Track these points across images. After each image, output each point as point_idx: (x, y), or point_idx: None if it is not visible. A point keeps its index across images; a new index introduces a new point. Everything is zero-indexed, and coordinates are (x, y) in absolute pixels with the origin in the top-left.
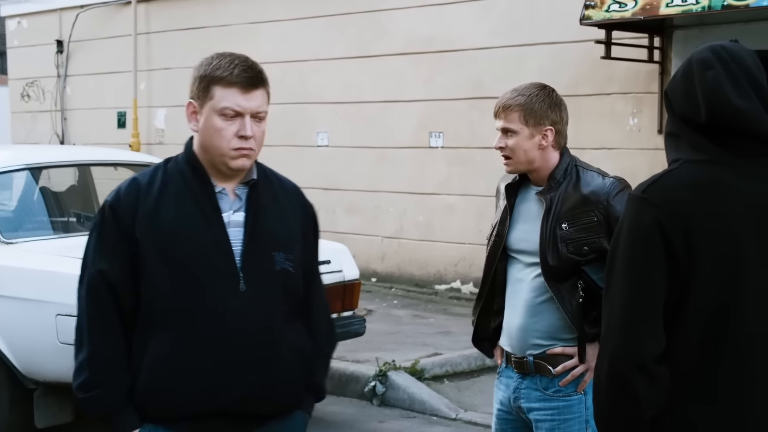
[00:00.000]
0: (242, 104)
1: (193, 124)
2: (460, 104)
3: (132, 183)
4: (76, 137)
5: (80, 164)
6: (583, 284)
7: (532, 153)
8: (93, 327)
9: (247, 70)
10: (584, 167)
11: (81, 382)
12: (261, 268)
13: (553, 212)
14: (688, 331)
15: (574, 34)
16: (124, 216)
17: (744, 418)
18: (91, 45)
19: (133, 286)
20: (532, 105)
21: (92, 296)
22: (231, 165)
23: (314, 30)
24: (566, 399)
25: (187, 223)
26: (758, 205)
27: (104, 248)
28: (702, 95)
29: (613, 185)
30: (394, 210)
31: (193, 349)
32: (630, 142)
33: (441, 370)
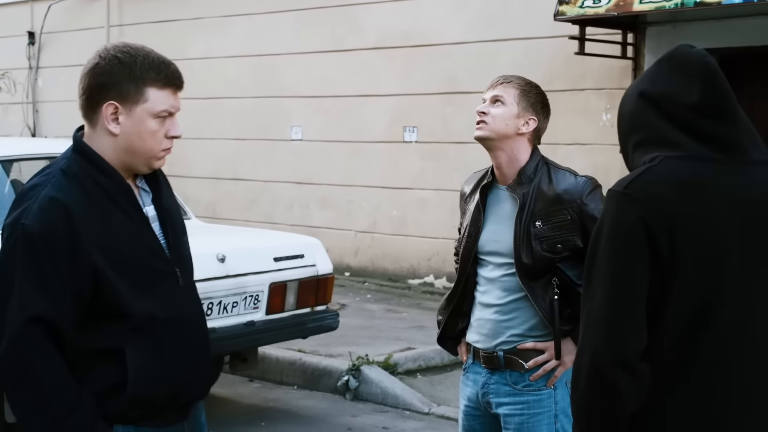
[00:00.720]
0: (176, 105)
1: (113, 126)
2: (434, 99)
3: (54, 203)
4: (48, 130)
5: (52, 157)
6: (558, 281)
7: (510, 131)
8: (38, 365)
9: (176, 71)
10: (555, 166)
11: (44, 422)
12: (183, 259)
13: (526, 210)
14: (668, 328)
15: (548, 29)
16: (59, 246)
17: (719, 416)
18: (63, 37)
19: (77, 309)
20: (529, 91)
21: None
22: (155, 165)
23: (287, 24)
24: (536, 393)
25: (121, 232)
26: (740, 201)
27: (39, 286)
28: (702, 76)
29: (586, 184)
30: (368, 204)
31: (164, 352)
32: (603, 137)
33: (414, 364)
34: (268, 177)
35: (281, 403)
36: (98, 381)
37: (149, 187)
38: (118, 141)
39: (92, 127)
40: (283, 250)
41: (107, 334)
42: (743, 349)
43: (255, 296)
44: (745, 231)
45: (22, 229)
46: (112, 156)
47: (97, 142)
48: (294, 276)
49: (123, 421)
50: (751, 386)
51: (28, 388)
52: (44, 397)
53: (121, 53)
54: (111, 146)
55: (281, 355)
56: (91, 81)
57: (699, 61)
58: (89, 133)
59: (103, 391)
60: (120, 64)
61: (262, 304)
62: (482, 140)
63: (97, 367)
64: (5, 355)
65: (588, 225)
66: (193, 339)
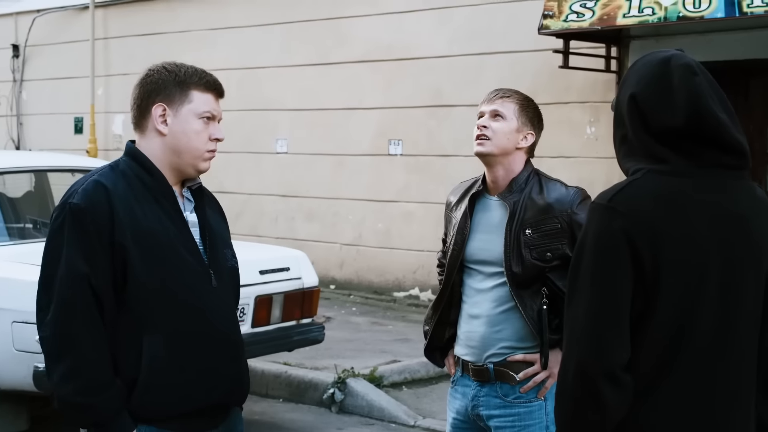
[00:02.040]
0: (217, 109)
1: (162, 126)
2: (419, 112)
3: (98, 186)
4: (33, 143)
5: (37, 170)
6: (547, 291)
7: (510, 146)
8: (83, 331)
9: (217, 80)
10: (546, 177)
11: (80, 388)
12: (220, 265)
13: (517, 218)
14: (651, 340)
15: (533, 43)
16: (100, 221)
17: (699, 425)
18: (47, 50)
19: (113, 291)
20: (528, 105)
21: (79, 300)
22: (201, 167)
23: (274, 37)
24: (527, 405)
25: (157, 224)
26: (720, 217)
27: (83, 253)
28: (686, 100)
29: (576, 194)
30: (353, 217)
31: (183, 346)
32: (587, 150)
33: (400, 377)
34: (254, 190)
35: (267, 416)
36: (121, 372)
37: (193, 198)
38: (166, 141)
39: (142, 133)
40: (268, 263)
41: (129, 323)
42: (724, 360)
43: (240, 309)
44: (724, 245)
45: (69, 208)
46: (160, 157)
47: (146, 145)
48: (279, 289)
49: (145, 420)
50: (732, 396)
51: (69, 353)
52: (82, 365)
53: (168, 65)
54: (160, 147)
55: (267, 368)
56: (142, 90)
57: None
58: (139, 140)
59: (126, 383)
60: (167, 72)
61: (247, 317)
62: (483, 156)
63: (120, 357)
64: (54, 320)
65: (577, 234)
66: (216, 341)
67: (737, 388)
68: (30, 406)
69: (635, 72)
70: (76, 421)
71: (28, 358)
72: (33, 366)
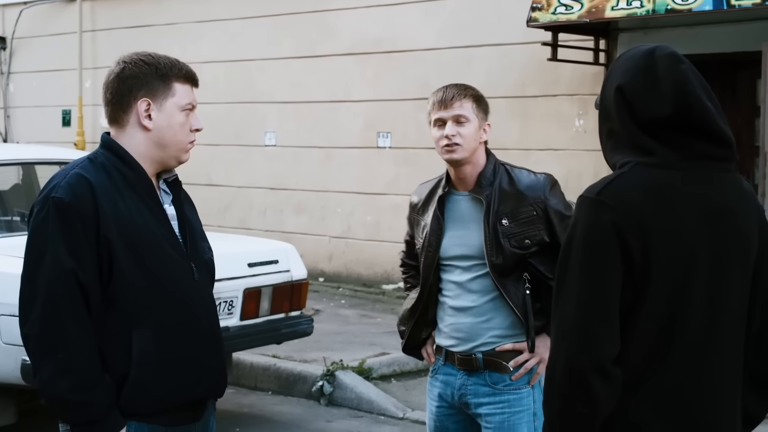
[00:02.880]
0: (195, 99)
1: (147, 121)
2: (408, 105)
3: (81, 179)
4: (20, 135)
5: (24, 163)
6: (530, 276)
7: (477, 144)
8: (71, 328)
9: (192, 69)
10: (511, 166)
11: (71, 386)
12: (199, 257)
13: (492, 210)
14: (640, 333)
15: (521, 35)
16: (85, 215)
17: (687, 418)
18: (35, 42)
19: (99, 286)
20: (479, 97)
21: (67, 296)
22: (183, 158)
23: (261, 29)
24: (516, 392)
25: (140, 218)
26: (708, 210)
27: (69, 248)
28: (673, 88)
29: (546, 180)
30: (342, 210)
31: (170, 341)
32: (576, 143)
33: (388, 369)
34: (242, 183)
35: (256, 409)
36: (110, 368)
37: (170, 191)
38: (150, 136)
39: (121, 128)
40: (257, 256)
41: (116, 318)
42: (712, 353)
43: (229, 302)
44: (713, 238)
45: (52, 201)
46: (143, 151)
47: (126, 139)
48: (268, 282)
49: (134, 416)
50: (719, 389)
51: (58, 351)
52: (72, 362)
53: (144, 56)
54: (143, 142)
55: (255, 360)
56: (120, 85)
57: (674, 74)
58: (117, 135)
59: (115, 379)
60: (146, 65)
61: (236, 309)
62: (456, 162)
63: (108, 354)
64: (40, 317)
65: (553, 219)
66: (201, 334)
67: (724, 380)
68: (18, 400)
69: (620, 66)
70: (65, 419)
71: (15, 351)
72: (21, 359)
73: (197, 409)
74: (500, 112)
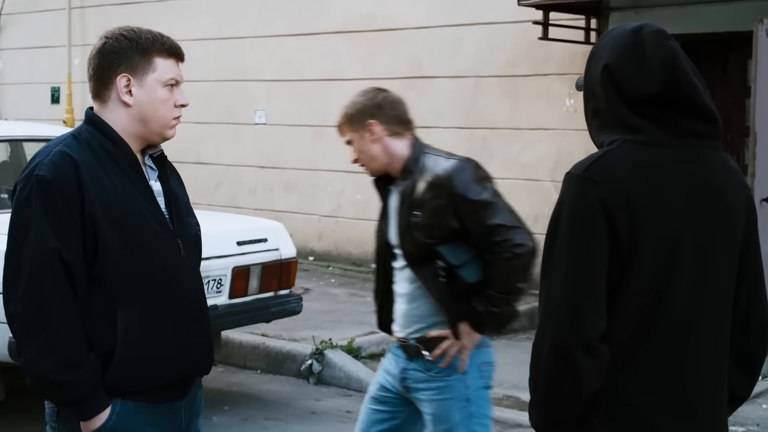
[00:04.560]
0: (180, 74)
1: (127, 97)
2: (398, 83)
3: (64, 156)
4: (9, 113)
5: (12, 140)
6: (443, 264)
7: (371, 150)
8: (55, 307)
9: (176, 43)
10: (432, 153)
11: (55, 365)
12: (186, 233)
13: (406, 202)
14: (626, 310)
15: (512, 14)
16: (69, 193)
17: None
18: (24, 18)
19: (84, 264)
20: (349, 113)
21: (50, 275)
22: (168, 134)
23: (252, 7)
24: (446, 379)
25: (125, 194)
26: (696, 188)
27: (53, 227)
28: (661, 64)
29: (455, 165)
30: (332, 188)
31: (157, 318)
32: (566, 123)
33: (378, 348)
34: (232, 161)
35: (245, 387)
36: (96, 346)
37: (156, 166)
38: (132, 111)
39: (104, 104)
40: (246, 234)
41: (102, 296)
42: (698, 330)
43: (218, 280)
44: (700, 216)
45: (36, 179)
46: (126, 127)
47: (110, 115)
48: (257, 260)
49: (120, 393)
50: (706, 367)
51: (41, 330)
52: (56, 342)
53: (126, 31)
54: (125, 117)
55: (244, 339)
56: (101, 60)
57: (662, 50)
58: (100, 110)
59: (101, 357)
60: (127, 40)
61: (224, 288)
62: (376, 173)
63: (94, 332)
64: (23, 296)
65: (459, 205)
66: (188, 311)
67: (711, 358)
68: (6, 377)
69: (606, 44)
70: (50, 399)
71: (2, 329)
72: (8, 337)
73: (184, 387)
74: (490, 91)
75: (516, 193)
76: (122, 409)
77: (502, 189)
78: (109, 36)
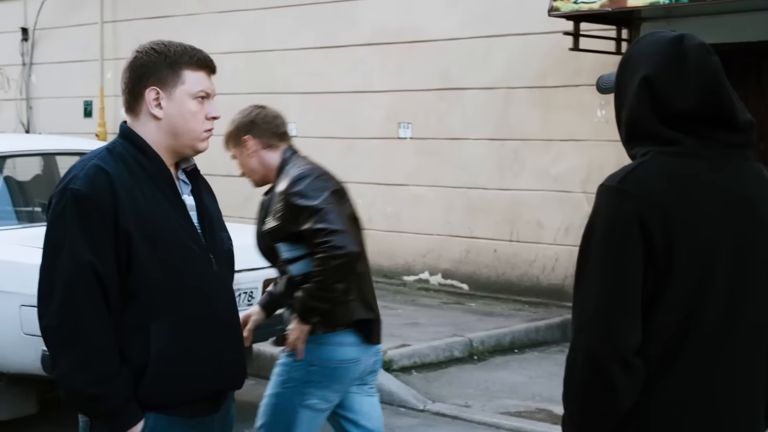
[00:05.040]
0: (211, 87)
1: (157, 110)
2: (429, 95)
3: (99, 170)
4: (42, 126)
5: (45, 153)
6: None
7: (250, 164)
8: (89, 321)
9: (207, 56)
10: (291, 163)
11: (90, 378)
12: (218, 248)
13: (265, 211)
14: (660, 324)
15: (543, 25)
16: (104, 207)
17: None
18: (56, 33)
19: (118, 278)
20: (228, 131)
21: (85, 288)
22: (200, 147)
23: (281, 20)
24: (284, 361)
25: (158, 209)
26: (731, 199)
27: (88, 241)
28: (705, 80)
29: (298, 174)
30: (363, 201)
31: (189, 333)
32: (597, 134)
33: (409, 361)
34: None
35: None
36: (129, 361)
37: (189, 181)
38: (162, 125)
39: (136, 116)
40: None
41: (135, 311)
42: (733, 343)
43: (249, 293)
44: (736, 228)
45: (71, 193)
46: (157, 140)
47: (141, 128)
48: None
49: (154, 407)
50: (741, 382)
51: (75, 343)
52: (91, 355)
53: (156, 45)
54: (156, 131)
55: (276, 351)
56: (132, 73)
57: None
58: (133, 124)
59: (134, 372)
60: (156, 53)
61: (256, 300)
62: (257, 185)
63: (127, 346)
64: (58, 310)
65: (294, 210)
66: (220, 326)
67: (747, 374)
68: (39, 390)
69: (643, 52)
70: (84, 412)
71: (36, 342)
72: (41, 350)
73: (216, 401)
74: (521, 103)
75: (547, 204)
76: (155, 422)
77: (533, 200)
78: (139, 50)
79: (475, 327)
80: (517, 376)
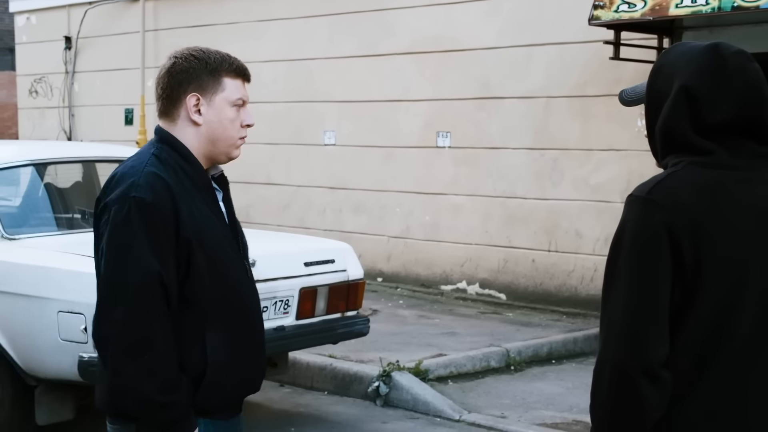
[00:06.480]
0: (246, 94)
1: (197, 116)
2: (468, 104)
3: (157, 178)
4: (84, 134)
5: (86, 161)
6: None
7: None
8: (156, 329)
9: (243, 64)
10: None
11: (158, 386)
12: (246, 255)
13: None
14: (688, 336)
15: (583, 34)
16: (166, 215)
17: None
18: (99, 41)
19: (177, 286)
20: None
21: (153, 297)
22: (234, 154)
23: (321, 28)
24: None
25: (205, 214)
26: (762, 211)
27: (154, 250)
28: (745, 87)
29: None
30: (401, 210)
31: (237, 340)
32: (638, 143)
33: (445, 371)
34: (301, 182)
35: (311, 409)
36: (186, 368)
37: (219, 187)
38: (201, 131)
39: (172, 122)
40: (313, 255)
41: (191, 319)
42: (764, 360)
43: (285, 301)
44: (765, 240)
45: (134, 201)
46: (195, 146)
47: (179, 133)
48: (324, 281)
49: (203, 414)
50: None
51: (143, 352)
52: (158, 364)
53: (195, 51)
54: (194, 137)
55: (312, 360)
56: (171, 79)
57: (747, 73)
58: (168, 127)
59: (191, 379)
60: (196, 60)
61: (292, 309)
62: None
63: (184, 354)
64: (124, 318)
65: None
66: (257, 332)
67: None
68: (75, 396)
69: (678, 61)
70: (148, 420)
71: (73, 348)
72: (78, 356)
73: (241, 402)
74: (561, 112)
75: (586, 214)
76: (205, 428)
77: (572, 210)
78: (178, 56)
79: (513, 337)
80: (555, 387)
